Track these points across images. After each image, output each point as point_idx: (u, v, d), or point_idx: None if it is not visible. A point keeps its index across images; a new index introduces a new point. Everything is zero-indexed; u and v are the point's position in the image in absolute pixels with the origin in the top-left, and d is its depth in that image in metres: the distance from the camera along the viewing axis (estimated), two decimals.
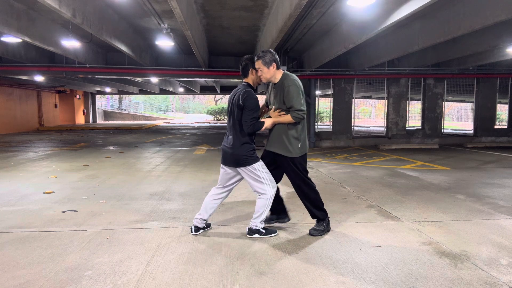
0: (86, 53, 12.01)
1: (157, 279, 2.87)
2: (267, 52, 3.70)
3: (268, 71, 3.69)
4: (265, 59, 3.65)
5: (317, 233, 3.83)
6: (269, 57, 3.66)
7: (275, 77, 3.76)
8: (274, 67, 3.70)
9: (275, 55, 3.73)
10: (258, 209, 3.71)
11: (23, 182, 6.57)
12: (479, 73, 14.14)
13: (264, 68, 3.67)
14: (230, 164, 3.72)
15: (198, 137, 17.41)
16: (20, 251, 3.41)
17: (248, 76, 3.76)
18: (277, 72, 3.75)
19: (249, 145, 3.67)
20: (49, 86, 23.95)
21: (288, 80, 3.68)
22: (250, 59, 3.74)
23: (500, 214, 4.61)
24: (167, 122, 36.49)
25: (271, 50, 3.76)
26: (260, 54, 3.69)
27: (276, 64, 3.70)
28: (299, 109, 3.59)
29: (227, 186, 3.88)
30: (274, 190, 3.71)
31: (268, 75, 3.71)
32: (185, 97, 60.32)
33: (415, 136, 14.31)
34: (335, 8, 7.90)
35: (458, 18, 7.16)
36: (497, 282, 2.81)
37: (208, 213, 3.88)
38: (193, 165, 8.52)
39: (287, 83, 3.65)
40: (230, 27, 9.71)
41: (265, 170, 3.69)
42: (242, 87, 3.73)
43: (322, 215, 3.88)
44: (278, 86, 3.74)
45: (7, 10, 7.54)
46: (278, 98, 3.71)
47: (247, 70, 3.74)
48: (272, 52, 3.72)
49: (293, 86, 3.63)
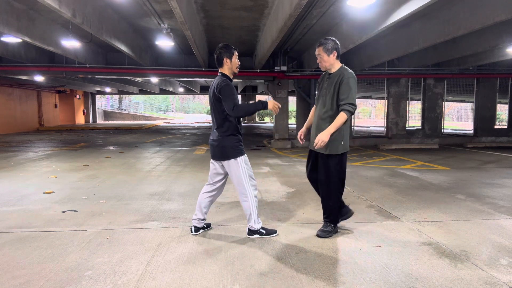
0: (86, 53, 12.01)
1: (157, 279, 2.87)
2: (329, 39, 3.64)
3: (328, 59, 3.63)
4: (327, 46, 3.59)
5: (325, 235, 3.76)
6: (331, 45, 3.60)
7: (334, 66, 3.68)
8: (335, 56, 3.63)
9: (337, 44, 3.66)
10: (246, 212, 3.71)
11: (23, 182, 6.57)
12: (479, 73, 14.14)
13: (325, 55, 3.62)
14: (217, 158, 3.69)
15: (198, 137, 17.41)
16: (20, 251, 3.41)
17: (223, 66, 3.68)
18: (336, 61, 3.67)
19: (235, 137, 3.63)
20: (49, 86, 23.96)
21: (348, 72, 3.59)
22: (224, 47, 3.66)
23: (500, 214, 4.61)
24: (167, 122, 36.49)
25: (334, 38, 3.68)
26: (322, 41, 3.64)
27: (337, 53, 3.63)
28: (353, 103, 3.50)
29: (215, 182, 3.84)
30: (254, 191, 3.67)
31: (327, 63, 3.65)
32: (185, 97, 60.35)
33: (415, 136, 14.31)
34: (335, 8, 7.90)
35: (458, 18, 7.16)
36: (497, 282, 2.81)
37: (202, 212, 3.85)
38: (193, 165, 8.52)
39: (347, 74, 3.56)
40: (230, 27, 9.71)
41: (247, 167, 3.66)
42: (217, 78, 3.67)
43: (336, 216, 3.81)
44: (334, 77, 3.64)
45: (7, 10, 7.53)
46: (332, 88, 3.60)
47: (221, 59, 3.66)
48: (335, 41, 3.65)
49: (352, 79, 3.54)
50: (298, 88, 13.73)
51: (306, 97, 13.60)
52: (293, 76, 13.51)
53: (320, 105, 3.76)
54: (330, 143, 3.57)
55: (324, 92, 3.70)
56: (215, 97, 3.57)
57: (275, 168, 8.30)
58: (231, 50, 3.67)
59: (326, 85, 3.70)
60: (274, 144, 13.33)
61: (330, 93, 3.62)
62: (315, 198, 5.42)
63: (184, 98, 61.70)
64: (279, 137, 13.49)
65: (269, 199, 5.35)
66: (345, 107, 3.49)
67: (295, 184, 6.47)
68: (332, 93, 3.61)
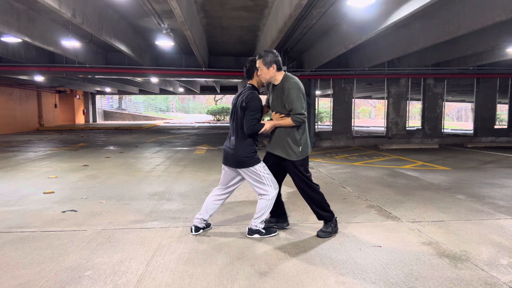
0: (86, 53, 12.01)
1: (157, 279, 2.87)
2: (269, 52, 3.63)
3: (268, 71, 3.63)
4: (266, 59, 3.59)
5: (325, 235, 3.77)
6: (270, 58, 3.59)
7: (275, 78, 3.69)
8: (274, 68, 3.63)
9: (277, 57, 3.64)
10: (259, 209, 3.71)
11: (23, 182, 6.57)
12: (479, 73, 14.13)
13: (264, 68, 3.62)
14: (231, 165, 3.72)
15: (198, 137, 17.41)
16: (20, 251, 3.41)
17: (253, 78, 3.75)
18: (277, 73, 3.67)
19: (251, 147, 3.65)
20: (49, 86, 23.95)
21: (288, 82, 3.60)
22: (255, 61, 3.70)
23: (500, 214, 4.61)
24: (167, 122, 36.49)
25: (274, 50, 3.68)
26: (261, 54, 3.64)
27: (276, 66, 3.62)
28: (299, 112, 3.52)
29: (229, 186, 3.87)
30: (276, 192, 3.71)
31: (267, 75, 3.65)
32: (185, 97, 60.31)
33: (415, 136, 14.30)
34: (335, 8, 7.89)
35: (458, 18, 7.16)
36: (497, 282, 2.81)
37: (208, 214, 3.88)
38: (193, 165, 8.52)
39: (287, 85, 3.57)
40: (230, 27, 9.71)
41: (267, 172, 3.68)
42: (247, 89, 3.73)
43: (328, 216, 3.82)
44: (278, 88, 3.66)
45: (7, 10, 7.54)
46: (279, 100, 3.64)
47: (252, 72, 3.72)
48: (274, 53, 3.64)
49: (294, 89, 3.55)
50: None
51: (306, 97, 13.58)
52: None
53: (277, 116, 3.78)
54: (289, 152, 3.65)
55: (274, 104, 3.73)
56: (242, 107, 3.61)
57: None
58: None
59: (275, 97, 3.72)
60: None
61: (279, 105, 3.65)
62: None
63: (184, 98, 61.67)
64: None
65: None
66: (293, 117, 3.56)
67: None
68: (279, 105, 3.65)
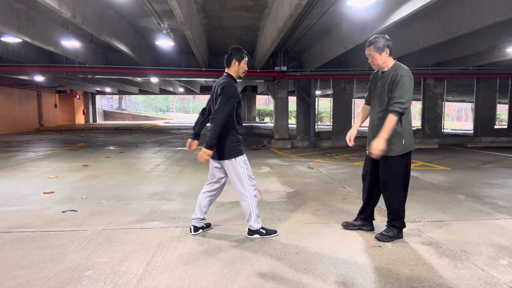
0: (86, 53, 12.00)
1: (157, 279, 2.87)
2: (379, 37, 3.50)
3: (380, 57, 3.48)
4: (378, 45, 3.46)
5: (384, 238, 3.62)
6: (382, 43, 3.46)
7: (387, 64, 3.52)
8: (387, 53, 3.49)
9: (389, 41, 3.51)
10: (246, 211, 3.70)
11: (23, 182, 6.57)
12: (479, 73, 14.13)
13: (376, 54, 3.48)
14: (216, 157, 3.69)
15: None
16: (20, 251, 3.41)
17: (230, 67, 3.70)
18: (389, 59, 3.52)
19: (234, 137, 3.63)
20: (49, 86, 23.95)
21: (403, 70, 3.43)
22: (237, 49, 3.67)
23: (500, 214, 4.61)
24: (167, 122, 36.49)
25: (385, 36, 3.54)
26: (372, 40, 3.50)
27: (389, 50, 3.49)
28: (402, 102, 3.31)
29: (217, 181, 3.83)
30: (253, 191, 3.66)
31: (380, 61, 3.50)
32: (185, 97, 60.33)
33: (415, 136, 14.29)
34: (335, 8, 7.89)
35: (458, 18, 7.15)
36: (497, 282, 2.81)
37: (202, 211, 3.84)
38: (193, 165, 8.52)
39: (401, 72, 3.39)
40: (230, 27, 9.71)
41: (247, 167, 3.66)
42: (222, 78, 3.68)
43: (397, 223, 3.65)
44: (387, 74, 3.48)
45: (7, 10, 7.53)
46: (385, 86, 3.45)
47: (230, 60, 3.67)
48: (386, 37, 3.51)
49: (408, 77, 3.37)
50: (298, 88, 13.73)
51: (306, 97, 13.60)
52: (293, 76, 13.52)
53: (376, 106, 3.61)
54: (388, 145, 3.40)
55: (378, 92, 3.55)
56: (217, 94, 3.57)
57: (275, 168, 8.30)
58: (242, 54, 3.69)
59: (380, 85, 3.54)
60: (274, 144, 13.33)
61: (385, 93, 3.47)
62: (315, 198, 5.42)
63: (184, 98, 61.68)
64: (279, 137, 13.49)
65: (269, 199, 5.34)
66: (393, 107, 3.34)
67: (295, 184, 6.47)
68: (383, 93, 3.48)
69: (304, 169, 8.20)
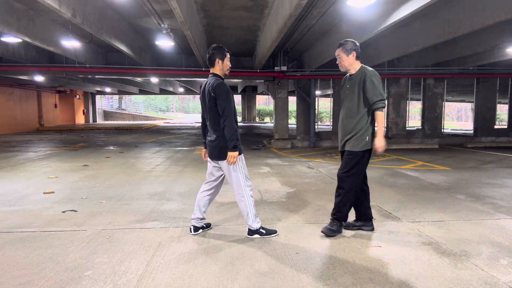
0: (86, 53, 12.00)
1: (157, 279, 2.87)
2: (349, 41, 3.76)
3: (347, 58, 3.74)
4: (346, 47, 3.72)
5: (329, 233, 3.76)
6: (350, 46, 3.72)
7: (353, 67, 3.77)
8: (354, 56, 3.73)
9: (357, 46, 3.76)
10: (243, 211, 3.71)
11: (23, 182, 6.57)
12: (479, 73, 14.13)
13: (344, 55, 3.74)
14: (214, 158, 3.70)
15: (198, 137, 17.40)
16: (20, 251, 3.41)
17: (214, 66, 3.71)
18: (355, 62, 3.76)
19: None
20: (49, 86, 23.96)
21: (369, 71, 3.67)
22: (217, 48, 3.68)
23: (500, 214, 4.61)
24: (167, 122, 36.48)
25: (355, 41, 3.79)
26: (341, 42, 3.78)
27: (356, 54, 3.73)
28: (381, 99, 3.58)
29: (213, 181, 3.83)
30: (250, 191, 3.68)
31: (346, 63, 3.75)
32: (185, 97, 60.33)
33: (415, 136, 14.31)
34: (335, 8, 7.89)
35: (458, 18, 7.15)
36: (497, 282, 2.81)
37: (201, 211, 3.84)
38: (193, 165, 8.52)
39: (369, 73, 3.64)
40: (230, 27, 9.71)
41: (243, 166, 3.67)
42: (210, 79, 3.69)
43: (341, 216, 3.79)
44: (355, 76, 3.73)
45: (7, 10, 7.53)
46: (355, 88, 3.68)
47: (213, 60, 3.68)
48: (355, 42, 3.77)
49: (375, 77, 3.63)
50: (298, 88, 13.73)
51: (306, 97, 13.60)
52: (293, 76, 13.51)
53: (345, 106, 3.83)
54: (353, 140, 3.68)
55: (348, 93, 3.78)
56: (210, 96, 3.56)
57: (275, 168, 8.30)
58: (224, 52, 3.70)
59: (349, 86, 3.78)
60: (274, 144, 13.33)
61: (354, 94, 3.69)
62: (315, 198, 5.42)
63: (184, 98, 61.69)
64: (279, 137, 13.49)
65: (269, 199, 5.34)
66: (376, 105, 3.58)
67: (295, 184, 6.47)
68: (356, 93, 3.68)
69: (304, 169, 8.20)
